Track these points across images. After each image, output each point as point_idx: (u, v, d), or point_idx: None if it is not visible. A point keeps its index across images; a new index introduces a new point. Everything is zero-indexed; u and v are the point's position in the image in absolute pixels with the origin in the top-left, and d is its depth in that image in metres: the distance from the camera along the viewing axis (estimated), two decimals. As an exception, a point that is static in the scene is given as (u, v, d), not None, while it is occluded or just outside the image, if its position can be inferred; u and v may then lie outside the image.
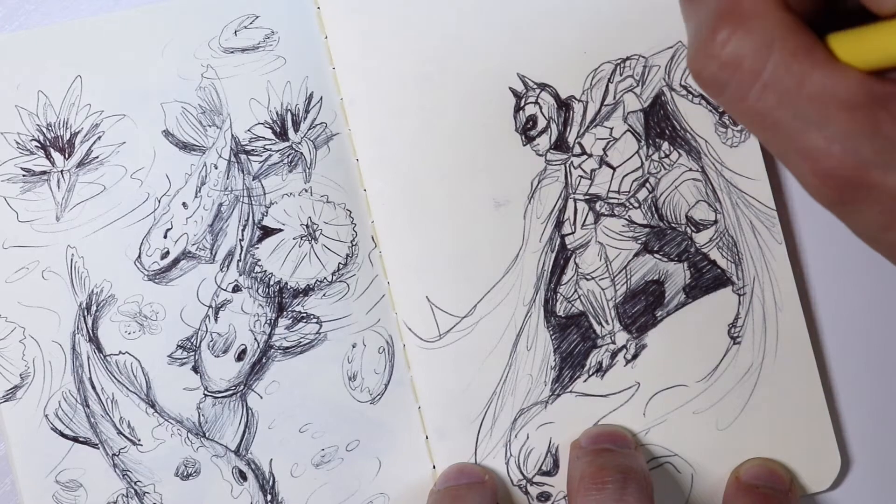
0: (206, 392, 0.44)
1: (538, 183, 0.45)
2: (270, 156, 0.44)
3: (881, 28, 0.29)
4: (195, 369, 0.44)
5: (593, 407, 0.45)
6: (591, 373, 0.45)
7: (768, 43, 0.30)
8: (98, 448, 0.44)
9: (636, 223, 0.45)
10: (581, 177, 0.45)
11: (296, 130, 0.44)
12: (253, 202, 0.44)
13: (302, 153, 0.44)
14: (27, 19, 0.45)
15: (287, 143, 0.44)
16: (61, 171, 0.44)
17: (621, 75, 0.45)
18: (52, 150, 0.44)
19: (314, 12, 0.45)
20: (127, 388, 0.44)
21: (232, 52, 0.44)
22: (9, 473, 0.44)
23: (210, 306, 0.44)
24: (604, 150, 0.45)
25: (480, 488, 0.44)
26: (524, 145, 0.45)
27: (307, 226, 0.44)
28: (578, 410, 0.45)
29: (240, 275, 0.44)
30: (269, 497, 0.44)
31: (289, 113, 0.44)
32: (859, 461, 0.46)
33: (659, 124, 0.45)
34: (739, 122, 0.32)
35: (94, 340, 0.44)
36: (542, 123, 0.45)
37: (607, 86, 0.45)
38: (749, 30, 0.30)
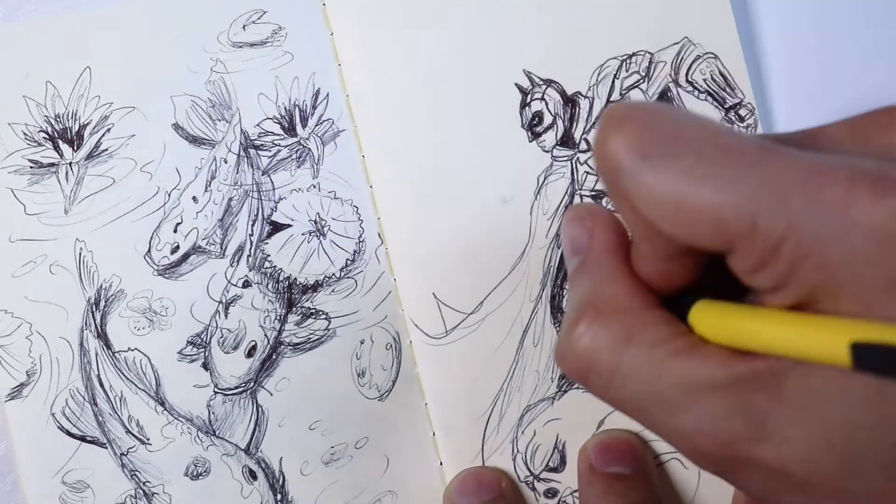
0: (216, 389, 0.44)
1: (544, 179, 0.45)
2: (279, 151, 0.44)
3: (749, 313, 0.29)
4: (205, 366, 0.44)
5: (600, 403, 0.45)
6: (598, 368, 0.45)
7: (625, 338, 0.31)
8: (106, 448, 0.43)
9: (642, 219, 0.45)
10: (587, 173, 0.45)
11: (304, 126, 0.44)
12: (262, 197, 0.44)
13: (310, 149, 0.44)
14: (27, 19, 0.44)
15: (295, 139, 0.44)
16: (70, 164, 0.43)
17: (627, 71, 0.45)
18: (60, 141, 0.43)
19: (320, 9, 0.44)
20: (136, 386, 0.43)
21: (241, 47, 0.44)
22: (9, 473, 0.43)
23: (220, 302, 0.43)
24: (610, 146, 0.45)
25: (501, 502, 0.44)
26: (530, 141, 0.45)
27: (315, 221, 0.44)
28: (585, 407, 0.45)
29: (250, 270, 0.44)
30: (279, 496, 0.44)
31: (296, 108, 0.44)
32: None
33: (664, 121, 0.45)
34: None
35: (102, 337, 0.43)
36: (548, 120, 0.45)
37: (613, 82, 0.45)
38: (606, 324, 0.31)
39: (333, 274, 0.44)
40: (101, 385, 0.43)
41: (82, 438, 0.43)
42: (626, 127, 0.30)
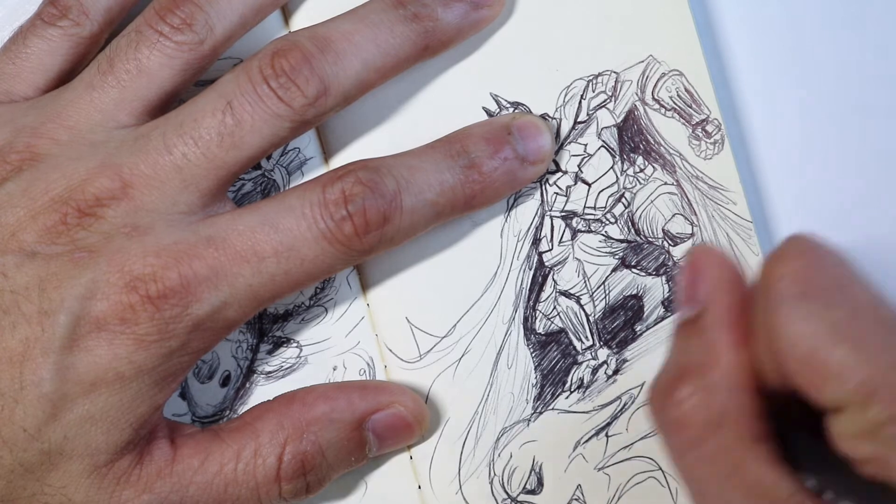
0: (193, 418, 0.44)
1: (514, 201, 0.45)
2: (243, 185, 0.44)
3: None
4: (183, 395, 0.44)
5: (576, 424, 0.45)
6: (572, 389, 0.45)
7: (719, 420, 0.31)
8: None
9: (613, 238, 0.45)
10: (557, 193, 0.45)
11: (268, 157, 0.44)
12: (228, 229, 0.44)
13: (275, 180, 0.44)
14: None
15: (259, 171, 0.44)
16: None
17: (594, 91, 0.45)
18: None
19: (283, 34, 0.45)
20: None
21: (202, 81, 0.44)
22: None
23: (189, 334, 0.44)
24: (578, 166, 0.45)
25: None
26: (499, 164, 0.45)
27: (284, 251, 0.44)
28: (561, 428, 0.45)
29: (217, 302, 0.44)
30: (253, 523, 0.44)
31: (263, 139, 0.44)
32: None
33: (633, 139, 0.45)
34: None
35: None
36: (516, 142, 0.45)
37: (580, 102, 0.45)
38: (707, 399, 0.32)
39: (303, 303, 0.45)
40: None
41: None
42: (801, 260, 0.31)
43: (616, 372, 0.45)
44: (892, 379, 0.29)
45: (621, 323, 0.45)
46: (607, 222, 0.45)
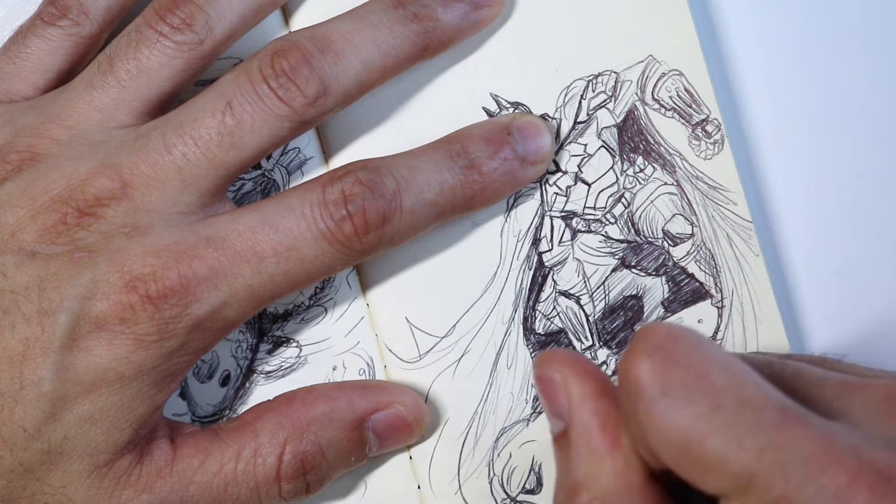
0: (193, 418, 0.44)
1: (514, 201, 0.45)
2: (243, 185, 0.44)
3: None
4: (182, 395, 0.44)
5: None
6: (572, 389, 0.45)
7: None
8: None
9: (613, 239, 0.45)
10: (556, 194, 0.45)
11: (268, 158, 0.44)
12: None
13: (275, 180, 0.44)
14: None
15: (259, 171, 0.44)
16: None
17: (594, 91, 0.45)
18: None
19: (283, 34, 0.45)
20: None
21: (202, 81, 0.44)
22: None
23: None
24: (578, 166, 0.45)
25: None
26: (499, 164, 0.45)
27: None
28: (561, 427, 0.45)
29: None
30: (252, 523, 0.44)
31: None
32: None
33: (633, 139, 0.45)
34: None
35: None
36: (516, 142, 0.45)
37: (580, 102, 0.45)
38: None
39: (303, 303, 0.45)
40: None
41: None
42: (655, 357, 0.31)
43: (615, 372, 0.45)
44: (766, 462, 0.29)
45: (621, 323, 0.45)
46: (607, 222, 0.45)
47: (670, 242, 0.45)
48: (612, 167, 0.45)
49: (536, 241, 0.45)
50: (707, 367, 0.30)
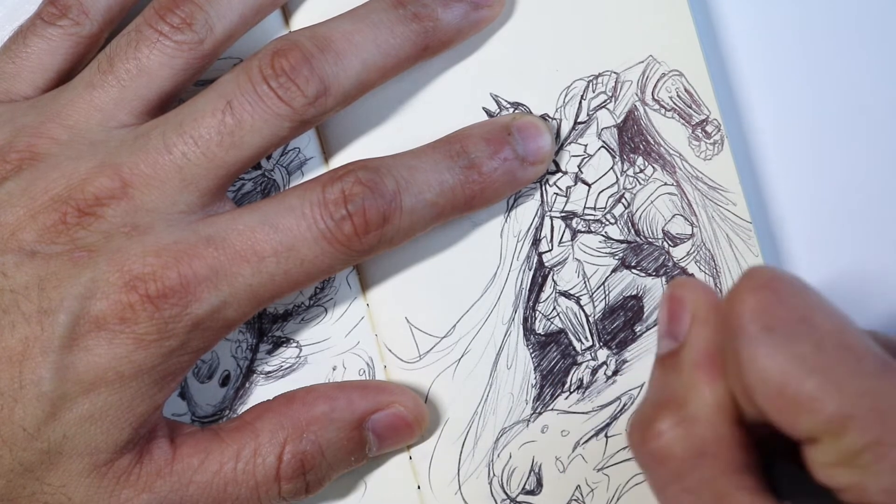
0: (193, 418, 0.44)
1: (514, 201, 0.45)
2: (243, 185, 0.44)
3: None
4: (182, 395, 0.44)
5: (576, 424, 0.45)
6: (572, 390, 0.45)
7: (700, 451, 0.32)
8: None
9: (613, 239, 0.45)
10: (556, 194, 0.45)
11: (268, 158, 0.44)
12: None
13: (275, 180, 0.44)
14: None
15: (259, 171, 0.44)
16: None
17: (594, 92, 0.45)
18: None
19: (284, 31, 0.45)
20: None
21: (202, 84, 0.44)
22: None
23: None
24: (578, 166, 0.45)
25: None
26: (499, 164, 0.45)
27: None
28: (561, 428, 0.45)
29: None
30: (252, 523, 0.44)
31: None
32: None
33: (633, 139, 0.45)
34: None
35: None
36: (516, 142, 0.45)
37: (580, 102, 0.45)
38: (687, 431, 0.32)
39: (303, 303, 0.45)
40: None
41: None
42: (762, 294, 0.31)
43: (616, 373, 0.45)
44: (863, 406, 0.29)
45: (621, 323, 0.45)
46: (607, 223, 0.45)
47: (670, 243, 0.45)
48: (612, 167, 0.45)
49: (536, 242, 0.45)
50: (812, 311, 0.31)
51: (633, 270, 0.45)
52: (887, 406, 0.29)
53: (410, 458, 0.45)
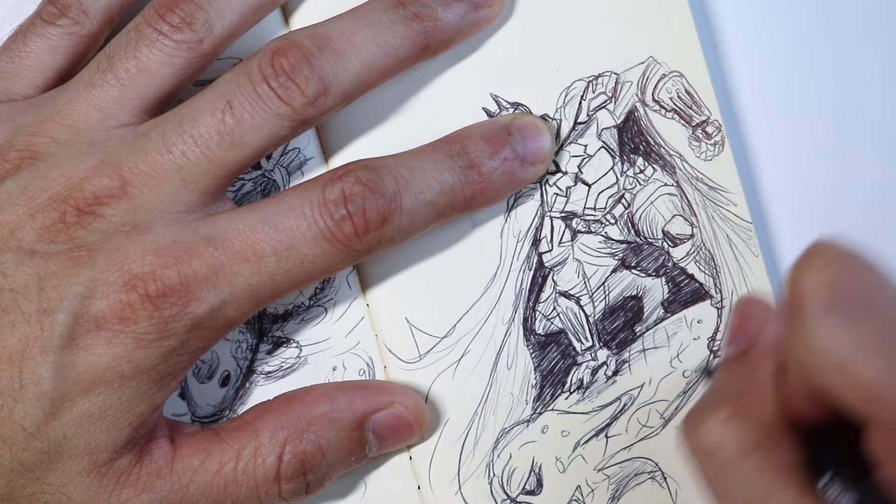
0: (193, 418, 0.44)
1: (514, 201, 0.45)
2: (243, 185, 0.44)
3: None
4: (182, 395, 0.44)
5: (576, 424, 0.45)
6: (572, 390, 0.45)
7: (755, 444, 0.31)
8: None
9: (613, 239, 0.45)
10: (556, 194, 0.45)
11: (268, 158, 0.44)
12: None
13: (275, 180, 0.44)
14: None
15: (259, 171, 0.44)
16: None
17: (594, 92, 0.45)
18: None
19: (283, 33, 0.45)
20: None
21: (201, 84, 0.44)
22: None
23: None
24: (578, 167, 0.45)
25: None
26: (499, 164, 0.45)
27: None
28: (561, 428, 0.45)
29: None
30: (252, 523, 0.44)
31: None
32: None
33: (633, 140, 0.45)
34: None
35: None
36: (516, 142, 0.45)
37: (580, 103, 0.45)
38: (742, 424, 0.32)
39: (303, 303, 0.45)
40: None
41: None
42: (830, 269, 0.30)
43: (616, 373, 0.45)
44: None
45: (621, 324, 0.45)
46: (607, 223, 0.45)
47: (670, 243, 0.45)
48: (612, 168, 0.45)
49: (536, 242, 0.45)
50: (880, 291, 0.30)
51: (633, 271, 0.45)
52: None
53: (410, 458, 0.45)
